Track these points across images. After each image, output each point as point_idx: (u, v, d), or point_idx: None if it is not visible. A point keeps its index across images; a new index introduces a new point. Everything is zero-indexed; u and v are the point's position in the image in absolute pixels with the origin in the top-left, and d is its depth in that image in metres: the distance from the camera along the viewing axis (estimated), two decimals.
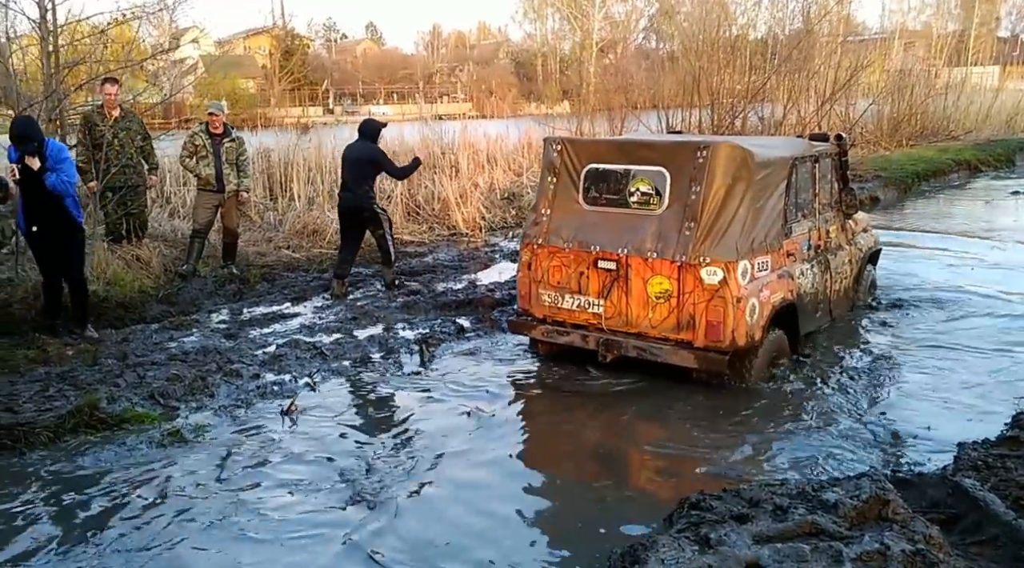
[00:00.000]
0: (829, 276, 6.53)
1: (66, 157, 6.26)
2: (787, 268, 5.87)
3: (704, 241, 5.36)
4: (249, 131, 16.11)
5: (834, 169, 6.72)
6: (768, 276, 5.63)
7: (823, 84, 18.57)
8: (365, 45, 69.75)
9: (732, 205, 5.40)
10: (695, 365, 5.49)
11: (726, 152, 5.44)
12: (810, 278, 6.18)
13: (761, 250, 5.55)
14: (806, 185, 6.24)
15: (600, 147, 6.14)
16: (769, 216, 5.67)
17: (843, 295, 6.90)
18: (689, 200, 5.44)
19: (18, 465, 4.54)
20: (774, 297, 5.62)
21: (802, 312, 6.06)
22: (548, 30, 54.87)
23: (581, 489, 4.42)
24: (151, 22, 15.50)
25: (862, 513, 3.36)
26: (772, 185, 5.70)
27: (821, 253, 6.44)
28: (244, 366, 6.04)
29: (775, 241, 5.73)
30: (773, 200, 5.72)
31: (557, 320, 6.03)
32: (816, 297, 6.31)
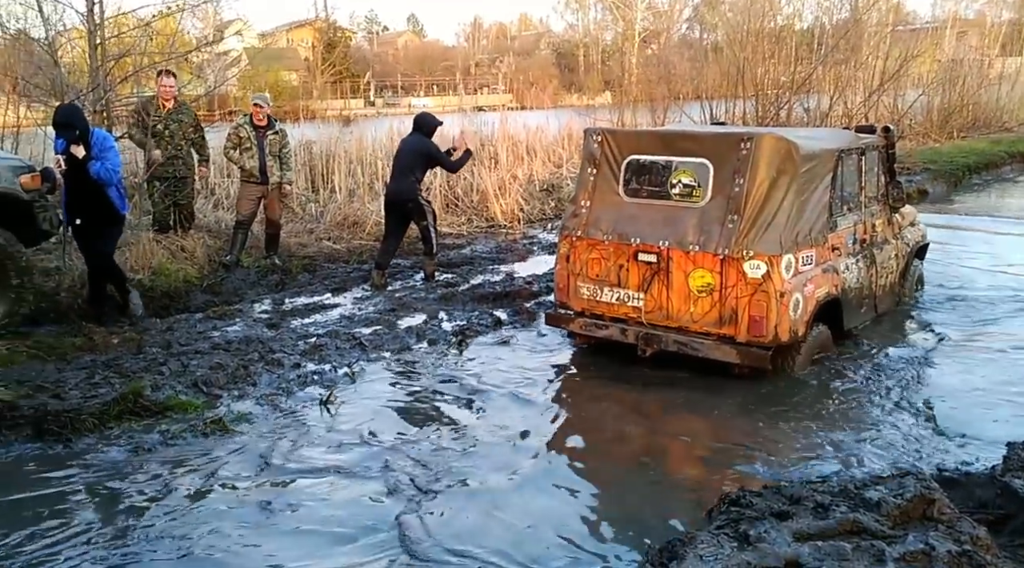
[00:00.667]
0: (874, 271, 6.40)
1: (111, 145, 6.28)
2: (832, 262, 5.76)
3: (747, 234, 5.28)
4: (291, 123, 16.26)
5: (881, 162, 6.57)
6: (812, 270, 5.54)
7: (871, 75, 18.21)
8: (406, 37, 70.08)
9: (776, 198, 5.32)
10: (737, 360, 5.41)
11: (771, 144, 5.36)
12: (855, 273, 6.06)
13: (805, 244, 5.47)
14: (852, 178, 6.12)
15: (642, 138, 6.07)
16: (814, 209, 5.57)
17: (888, 290, 6.75)
18: (732, 192, 5.36)
19: (64, 452, 4.64)
20: (818, 292, 5.53)
21: (846, 307, 5.95)
22: (590, 20, 54.70)
23: (619, 482, 4.39)
24: (195, 15, 15.71)
25: (906, 512, 3.29)
26: (817, 178, 5.60)
27: (867, 247, 6.32)
28: (285, 355, 6.10)
29: (820, 235, 5.63)
30: (818, 193, 5.62)
31: (595, 313, 5.97)
32: (861, 292, 6.19)
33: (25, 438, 4.75)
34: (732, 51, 17.85)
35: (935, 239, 8.37)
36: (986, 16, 30.80)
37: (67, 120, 6.06)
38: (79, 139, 6.04)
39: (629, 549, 3.70)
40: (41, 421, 4.80)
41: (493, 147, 14.06)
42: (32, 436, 4.76)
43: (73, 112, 6.22)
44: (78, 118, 6.13)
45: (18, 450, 4.65)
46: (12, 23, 9.94)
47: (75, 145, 6.04)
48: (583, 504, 4.17)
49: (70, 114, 6.15)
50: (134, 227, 8.69)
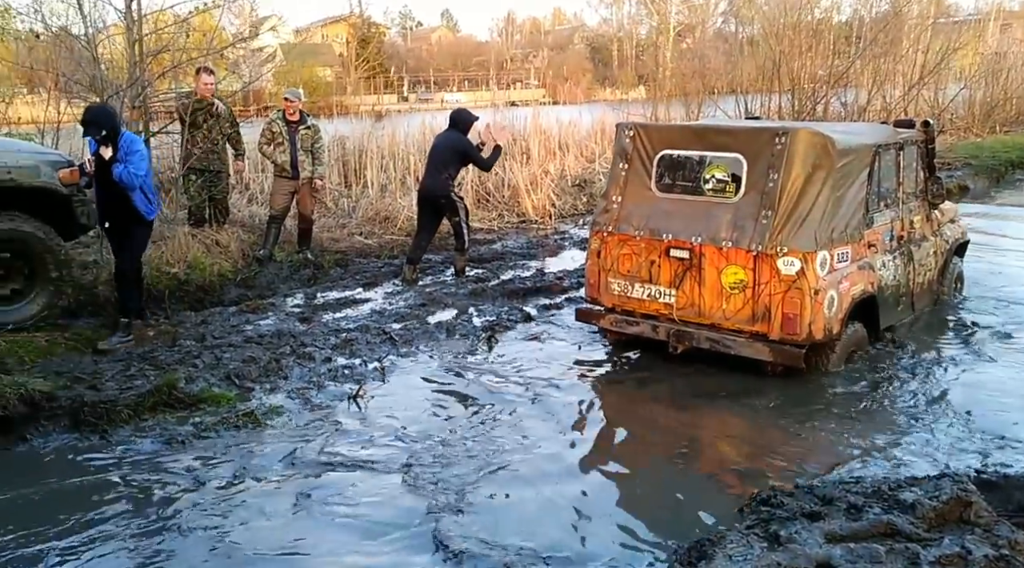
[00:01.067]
0: (912, 268, 6.28)
1: (137, 149, 6.08)
2: (868, 259, 5.67)
3: (782, 230, 5.21)
4: (325, 119, 16.38)
5: (920, 157, 6.44)
6: (848, 267, 5.45)
7: (911, 68, 17.86)
8: (440, 32, 70.25)
9: (811, 193, 5.24)
10: (770, 358, 5.35)
11: (806, 138, 5.28)
12: (892, 270, 5.96)
13: (841, 240, 5.38)
14: (889, 173, 6.00)
15: (674, 133, 6.00)
16: (850, 205, 5.48)
17: (926, 288, 6.62)
18: (766, 188, 5.29)
19: (100, 442, 4.71)
20: (854, 289, 5.45)
21: (882, 305, 5.85)
22: (624, 14, 54.31)
23: (649, 479, 4.36)
24: (232, 11, 15.86)
25: (942, 515, 3.22)
26: (854, 173, 5.50)
27: (904, 244, 6.20)
28: (317, 349, 6.14)
29: (856, 231, 5.54)
30: (854, 189, 5.52)
31: (626, 309, 5.94)
32: (898, 290, 6.08)
33: (63, 428, 4.84)
34: (768, 45, 17.60)
35: (977, 236, 8.21)
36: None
37: (93, 118, 5.96)
38: (106, 139, 5.95)
39: (659, 547, 3.67)
40: (78, 412, 4.89)
41: (525, 142, 14.03)
42: (69, 426, 4.85)
43: (101, 111, 6.15)
44: (105, 118, 6.01)
45: (56, 441, 4.75)
46: (54, 20, 10.11)
47: (104, 146, 5.97)
48: (612, 500, 4.15)
49: (98, 113, 6.07)
50: (170, 221, 8.82)
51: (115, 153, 5.96)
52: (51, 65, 10.05)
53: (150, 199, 6.27)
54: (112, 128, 5.98)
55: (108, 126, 5.94)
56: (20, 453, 4.60)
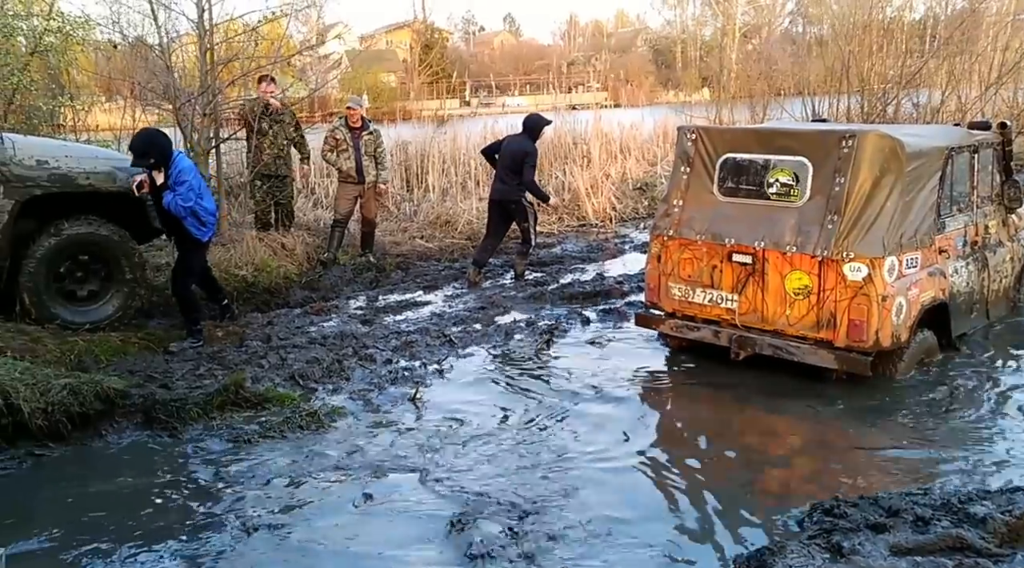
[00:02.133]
0: (987, 275, 6.11)
1: (185, 180, 6.02)
2: (939, 265, 5.54)
3: (848, 236, 5.12)
4: (389, 124, 16.61)
5: (996, 160, 6.26)
6: (917, 273, 5.33)
7: (988, 67, 17.23)
8: (502, 37, 70.56)
9: (879, 198, 5.13)
10: (835, 366, 5.25)
11: (874, 142, 5.17)
12: (964, 276, 5.81)
13: (910, 246, 5.27)
14: (962, 177, 5.86)
15: (737, 136, 5.95)
16: (920, 210, 5.37)
17: (1002, 295, 6.44)
18: (832, 192, 5.20)
19: (171, 440, 4.87)
20: (923, 296, 5.32)
21: (954, 313, 5.71)
22: (688, 16, 53.75)
23: (710, 487, 4.29)
24: (299, 19, 16.23)
25: (1015, 530, 3.12)
26: (924, 177, 5.40)
27: (978, 250, 6.05)
28: (378, 351, 6.24)
29: (926, 237, 5.43)
30: (925, 193, 5.41)
31: (687, 315, 5.89)
32: (971, 297, 5.93)
33: (136, 425, 5.01)
34: (837, 45, 17.20)
35: None
36: None
37: (141, 148, 5.96)
38: (156, 165, 5.96)
39: (718, 557, 3.62)
40: (150, 409, 5.05)
41: (586, 145, 14.01)
42: (142, 423, 5.02)
43: (147, 140, 6.07)
44: (154, 147, 5.97)
45: (130, 437, 4.91)
46: (130, 31, 10.51)
47: (156, 171, 5.98)
48: (671, 507, 4.10)
49: (145, 142, 6.03)
50: (238, 225, 9.07)
51: (166, 179, 6.00)
52: (127, 74, 10.45)
53: (203, 221, 6.27)
54: (161, 154, 5.97)
55: (156, 154, 5.96)
56: (96, 448, 4.78)
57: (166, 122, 9.55)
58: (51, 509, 4.09)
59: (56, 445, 4.70)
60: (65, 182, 6.19)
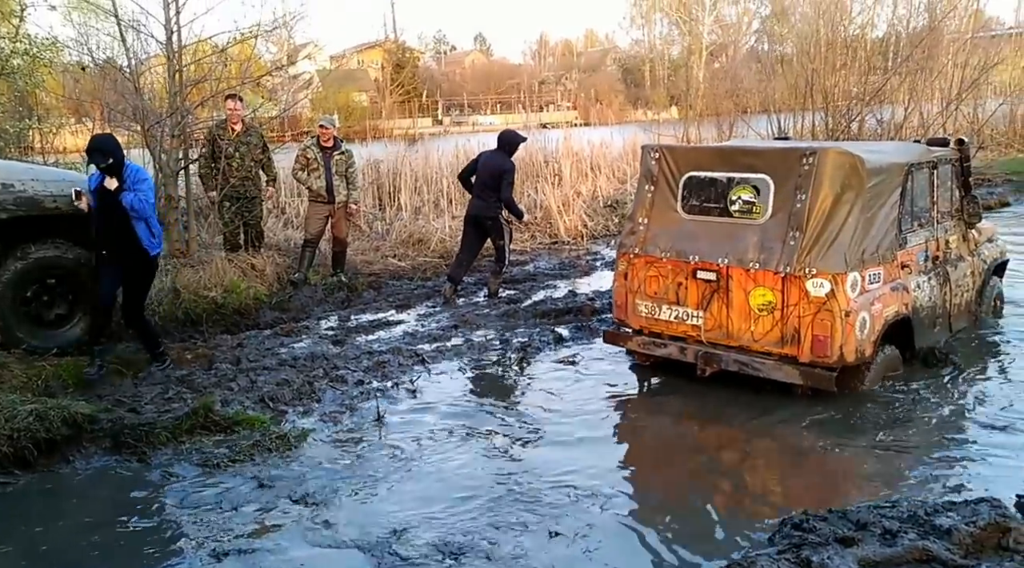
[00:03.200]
0: (948, 289, 6.17)
1: (144, 178, 5.99)
2: (901, 280, 5.59)
3: (810, 251, 5.15)
4: (360, 143, 16.62)
5: (955, 175, 6.35)
6: (880, 289, 5.37)
7: (948, 84, 17.63)
8: (473, 56, 70.91)
9: (841, 214, 5.18)
10: (800, 381, 5.28)
11: (834, 159, 5.21)
12: (927, 291, 5.87)
13: (872, 261, 5.31)
14: (923, 193, 5.93)
15: (700, 154, 6.01)
16: (881, 226, 5.42)
17: (964, 309, 6.51)
18: (794, 209, 5.25)
19: (139, 465, 4.80)
20: (887, 311, 5.36)
21: (917, 327, 5.76)
22: (656, 35, 54.31)
23: (677, 503, 4.31)
24: (269, 39, 16.21)
25: (979, 541, 3.17)
26: (885, 193, 5.45)
27: (940, 265, 6.11)
28: (349, 372, 6.21)
29: (888, 252, 5.47)
30: (886, 209, 5.47)
31: (654, 331, 5.94)
32: (934, 311, 5.99)
33: (104, 451, 4.94)
34: (801, 63, 17.53)
35: (1018, 253, 8.06)
36: None
37: (100, 146, 5.88)
38: (111, 169, 5.84)
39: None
40: (119, 434, 4.99)
41: (557, 164, 14.10)
42: (110, 449, 4.95)
43: (106, 139, 6.07)
44: (112, 146, 5.93)
45: (98, 463, 4.85)
46: (99, 53, 10.44)
47: (109, 178, 5.85)
48: (637, 525, 4.11)
49: (103, 141, 6.00)
50: (207, 246, 9.00)
51: (121, 183, 5.88)
52: (96, 96, 10.37)
53: (154, 232, 6.08)
54: (117, 158, 5.89)
55: (113, 154, 5.86)
56: (63, 475, 4.71)
57: (135, 143, 9.48)
58: (17, 538, 4.02)
59: (22, 472, 4.63)
60: (31, 205, 6.13)
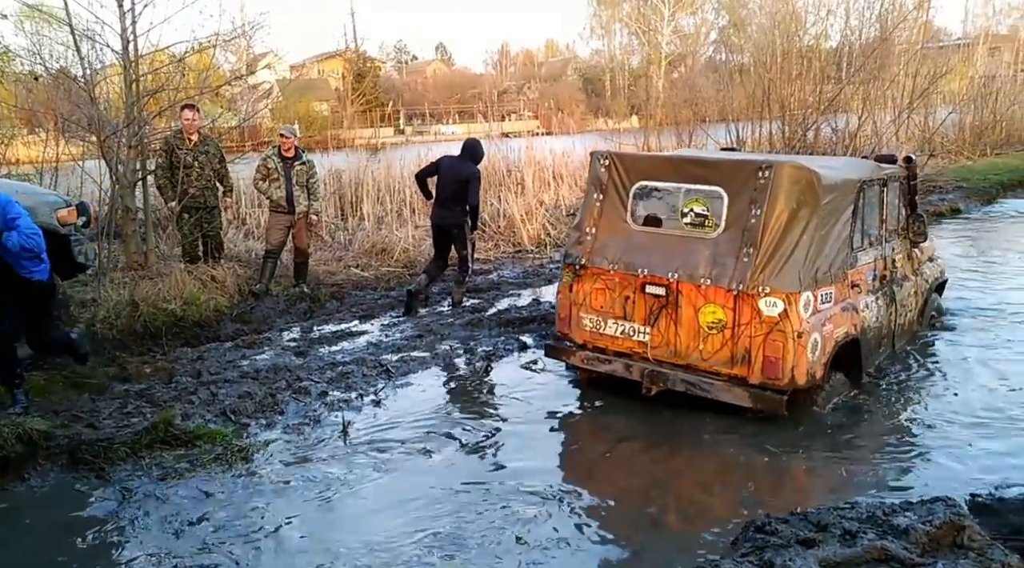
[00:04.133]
0: (894, 309, 6.10)
1: (18, 212, 5.07)
2: (851, 300, 5.45)
3: (764, 269, 4.96)
4: (321, 153, 16.50)
5: (902, 193, 6.28)
6: (831, 309, 5.22)
7: (900, 93, 18.07)
8: (435, 66, 70.86)
9: (795, 231, 5.00)
10: (749, 404, 5.09)
11: (791, 173, 5.04)
12: (875, 311, 5.76)
13: (825, 281, 5.16)
14: (873, 211, 5.82)
15: (652, 163, 5.79)
16: (834, 243, 5.27)
17: (907, 328, 6.49)
18: (748, 224, 5.04)
19: (97, 481, 4.71)
20: (837, 332, 5.21)
21: (865, 348, 5.62)
22: (616, 45, 54.88)
23: (634, 516, 4.34)
24: (228, 49, 16.05)
25: (935, 539, 3.23)
26: (838, 210, 5.32)
27: (887, 284, 6.03)
28: (312, 383, 6.16)
29: (840, 271, 5.33)
30: (839, 226, 5.33)
31: (598, 347, 5.72)
32: (880, 332, 5.89)
33: (61, 467, 4.84)
34: (758, 72, 17.83)
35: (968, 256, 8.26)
36: (1020, 31, 30.41)
37: None
38: None
39: None
40: (76, 450, 4.89)
41: (520, 173, 14.15)
42: (67, 465, 4.85)
43: None
44: None
45: (54, 480, 4.74)
46: (53, 62, 10.25)
47: None
48: (605, 532, 4.13)
49: None
50: (166, 258, 8.87)
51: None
52: (50, 106, 10.17)
53: (43, 258, 5.26)
54: None
55: None
56: (18, 493, 4.60)
57: (91, 155, 9.32)
58: None
59: None
60: None
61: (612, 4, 52.98)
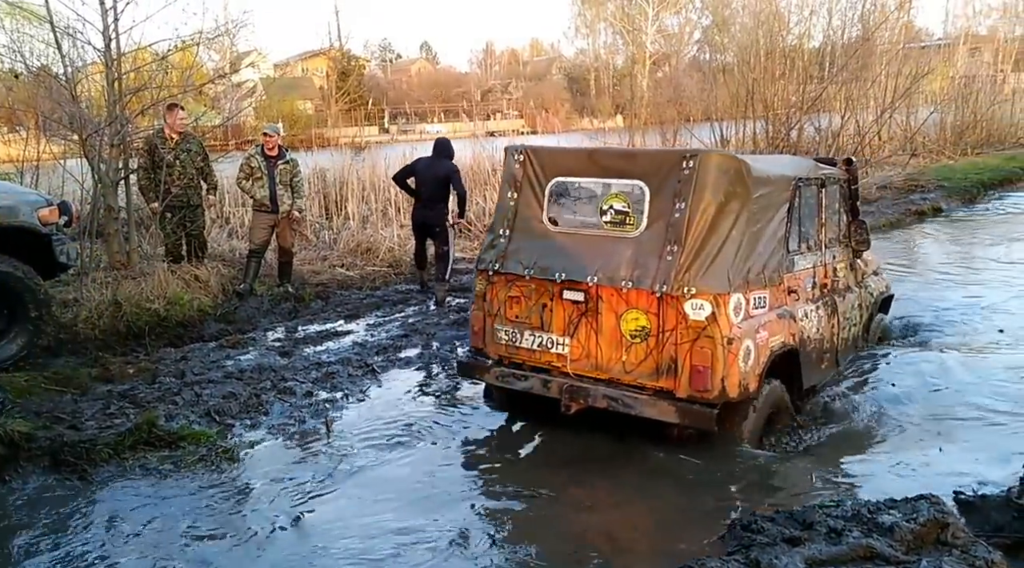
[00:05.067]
0: (836, 321, 5.64)
1: None
2: (788, 307, 4.98)
3: (689, 268, 4.46)
4: (305, 151, 16.43)
5: (843, 198, 5.87)
6: (766, 315, 4.75)
7: (882, 93, 18.21)
8: (419, 64, 70.72)
9: (724, 226, 4.52)
10: (676, 420, 4.54)
11: (717, 163, 4.58)
12: (815, 321, 5.30)
13: (758, 283, 4.69)
14: (811, 212, 5.42)
15: (568, 158, 5.21)
16: (768, 243, 4.83)
17: (851, 344, 6.04)
18: (672, 219, 4.54)
19: (80, 483, 4.66)
20: (773, 340, 4.73)
21: (805, 361, 5.15)
22: (600, 45, 54.93)
23: (630, 504, 4.36)
24: (211, 47, 15.95)
25: (920, 537, 3.26)
26: (772, 207, 4.88)
27: (828, 294, 5.59)
28: (297, 383, 6.13)
29: (775, 274, 4.87)
30: (773, 225, 4.89)
31: (515, 362, 5.14)
32: (822, 345, 5.42)
33: (43, 470, 4.78)
34: (742, 72, 17.92)
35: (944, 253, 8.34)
36: (999, 32, 30.72)
37: None
38: None
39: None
40: (58, 452, 4.84)
41: None
42: (49, 467, 4.79)
43: None
44: None
45: (36, 482, 4.68)
46: (33, 60, 10.14)
47: None
48: (581, 529, 4.13)
49: None
50: (149, 257, 8.80)
51: None
52: (30, 104, 10.07)
53: None
54: None
55: None
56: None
57: (73, 153, 9.23)
58: None
59: None
60: None
61: (596, 3, 53.04)
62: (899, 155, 18.39)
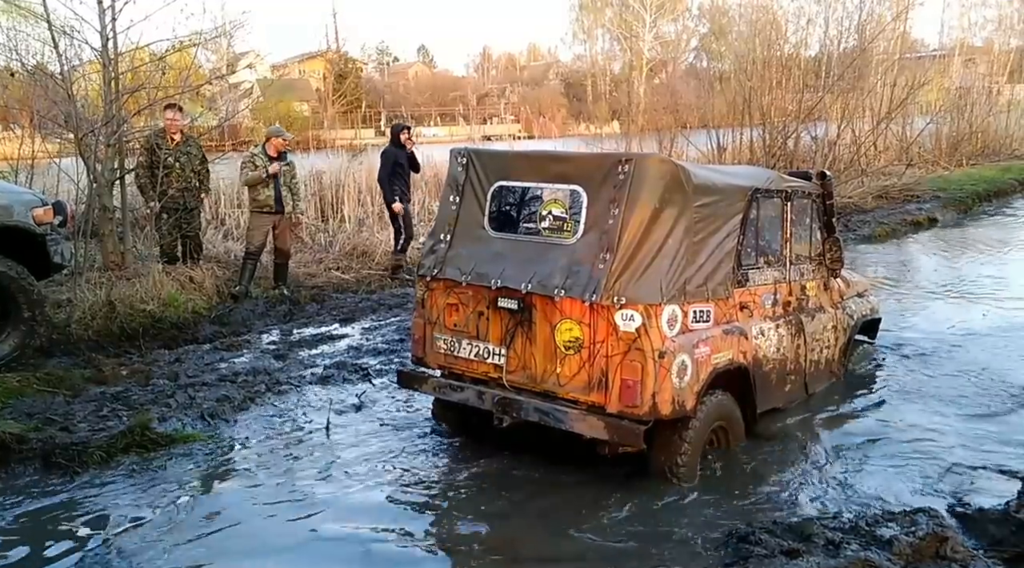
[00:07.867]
0: (803, 342, 5.40)
1: None
2: (738, 323, 4.77)
3: (620, 277, 4.25)
4: (301, 154, 16.39)
5: (816, 213, 5.62)
6: (709, 330, 4.55)
7: (879, 103, 18.26)
8: (417, 68, 70.75)
9: (659, 234, 4.33)
10: (605, 436, 4.29)
11: (655, 167, 4.39)
12: (773, 340, 5.06)
13: (699, 296, 4.50)
14: (773, 226, 5.21)
15: (510, 161, 5.06)
16: (714, 255, 4.63)
17: (824, 367, 5.76)
18: (607, 225, 4.35)
19: (70, 485, 4.63)
20: (716, 357, 4.50)
21: (760, 382, 4.91)
22: (598, 51, 55.12)
23: (642, 510, 4.34)
24: (209, 48, 15.91)
25: (918, 550, 3.25)
26: (720, 217, 4.69)
27: (792, 312, 5.34)
28: (292, 387, 6.11)
29: (721, 287, 4.67)
30: (720, 236, 4.68)
31: (455, 372, 4.96)
32: (783, 366, 5.19)
33: (34, 472, 4.75)
34: (739, 80, 17.94)
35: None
36: (994, 43, 30.87)
37: None
38: None
39: None
40: (49, 454, 4.80)
41: None
42: (41, 469, 4.75)
43: None
44: None
45: (26, 484, 4.64)
46: (29, 58, 10.10)
47: None
48: (572, 531, 4.11)
49: None
50: (144, 258, 8.76)
51: None
52: (26, 103, 10.02)
53: None
54: None
55: None
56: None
57: (68, 152, 9.19)
58: None
59: None
60: None
61: (594, 9, 53.24)
62: (895, 165, 18.43)
